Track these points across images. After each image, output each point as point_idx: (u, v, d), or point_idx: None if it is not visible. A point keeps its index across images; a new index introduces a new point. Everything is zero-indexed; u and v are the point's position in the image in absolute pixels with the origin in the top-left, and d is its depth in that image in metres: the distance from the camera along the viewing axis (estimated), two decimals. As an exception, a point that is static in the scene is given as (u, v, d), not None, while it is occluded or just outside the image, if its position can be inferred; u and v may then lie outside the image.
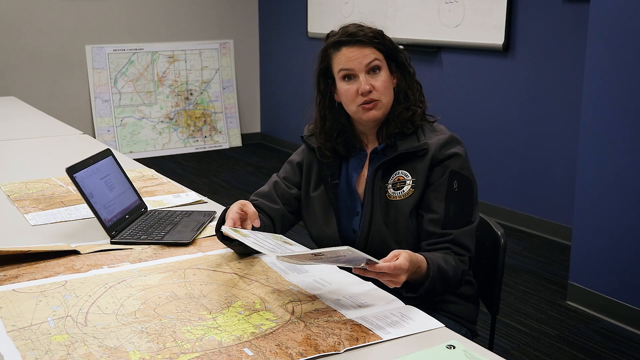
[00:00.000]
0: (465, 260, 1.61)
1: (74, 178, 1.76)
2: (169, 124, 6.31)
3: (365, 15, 5.18)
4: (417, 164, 1.66)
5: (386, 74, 1.69)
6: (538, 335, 2.89)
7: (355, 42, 1.67)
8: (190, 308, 1.37)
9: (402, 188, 1.67)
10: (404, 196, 1.66)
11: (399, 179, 1.68)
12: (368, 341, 1.24)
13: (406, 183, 1.67)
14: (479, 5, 4.21)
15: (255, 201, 1.78)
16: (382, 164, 1.68)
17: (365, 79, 1.66)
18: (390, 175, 1.69)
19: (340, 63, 1.69)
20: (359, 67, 1.66)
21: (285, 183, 1.83)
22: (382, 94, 1.67)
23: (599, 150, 2.98)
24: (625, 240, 2.91)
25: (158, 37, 6.21)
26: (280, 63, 6.44)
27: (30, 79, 5.73)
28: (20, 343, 1.22)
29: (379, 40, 1.68)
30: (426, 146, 1.66)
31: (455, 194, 1.63)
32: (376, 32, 1.70)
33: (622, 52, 2.83)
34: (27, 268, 1.59)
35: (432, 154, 1.65)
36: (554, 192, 4.02)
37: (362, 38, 1.67)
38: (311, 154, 1.81)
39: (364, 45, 1.67)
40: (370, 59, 1.66)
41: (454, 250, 1.60)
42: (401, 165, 1.68)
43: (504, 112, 4.23)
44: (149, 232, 1.80)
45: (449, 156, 1.64)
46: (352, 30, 1.69)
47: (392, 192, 1.68)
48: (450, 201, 1.63)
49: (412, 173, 1.66)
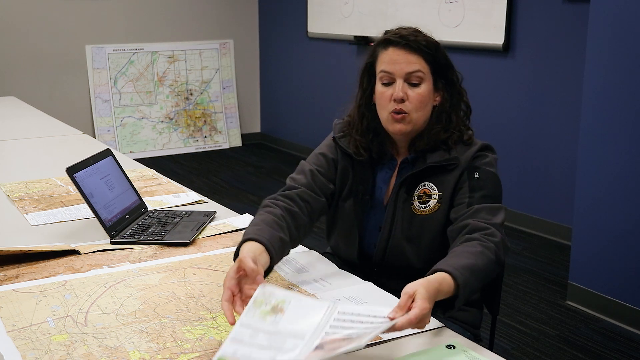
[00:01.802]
0: (491, 232, 1.46)
1: (74, 178, 1.76)
2: (169, 124, 6.31)
3: (365, 15, 5.18)
4: (445, 178, 1.59)
5: (427, 88, 1.59)
6: (538, 335, 2.89)
7: (404, 46, 1.58)
8: (190, 308, 1.37)
9: (428, 202, 1.60)
10: (430, 211, 1.60)
11: (425, 192, 1.61)
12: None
13: (432, 197, 1.60)
14: (479, 5, 4.21)
15: (297, 189, 1.64)
16: (407, 178, 1.62)
17: (402, 86, 1.58)
18: (416, 186, 1.62)
19: (383, 63, 1.60)
20: (399, 72, 1.58)
21: (321, 176, 1.69)
22: (415, 108, 1.59)
23: (599, 150, 2.98)
24: (625, 240, 2.91)
25: (158, 37, 6.21)
26: (280, 63, 6.44)
27: (30, 79, 5.73)
28: (20, 343, 1.22)
29: (430, 51, 1.59)
30: (457, 161, 1.59)
31: (477, 182, 1.56)
32: (431, 42, 1.60)
33: (622, 52, 2.83)
34: (27, 268, 1.58)
35: (462, 168, 1.58)
36: (554, 192, 4.02)
37: (413, 44, 1.58)
38: (345, 158, 1.71)
39: (412, 52, 1.58)
40: (413, 69, 1.58)
41: (473, 227, 1.47)
42: (428, 177, 1.61)
43: (503, 112, 4.23)
44: (149, 232, 1.80)
45: (474, 159, 1.59)
46: (405, 33, 1.60)
47: (417, 205, 1.61)
48: (474, 189, 1.55)
49: (439, 186, 1.60)
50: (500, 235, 1.47)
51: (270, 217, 1.54)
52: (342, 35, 5.44)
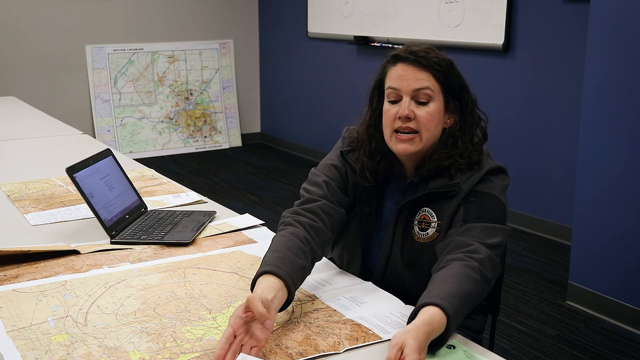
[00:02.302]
0: (474, 250, 1.37)
1: (74, 178, 1.76)
2: (169, 124, 6.31)
3: (365, 15, 5.18)
4: (444, 205, 1.51)
5: (437, 108, 1.51)
6: (538, 335, 2.88)
7: (413, 62, 1.50)
8: (190, 308, 1.37)
9: (427, 230, 1.53)
10: (428, 239, 1.53)
11: (424, 218, 1.54)
12: (368, 341, 1.24)
13: (431, 225, 1.53)
14: (479, 5, 4.21)
15: (318, 202, 1.56)
16: (407, 203, 1.55)
17: (408, 103, 1.49)
18: (417, 211, 1.55)
19: (391, 79, 1.53)
20: (406, 89, 1.49)
21: (336, 187, 1.61)
22: (423, 127, 1.50)
23: (599, 150, 2.98)
24: (625, 240, 2.91)
25: (158, 37, 6.21)
26: (280, 63, 6.44)
27: (30, 79, 5.73)
28: (20, 343, 1.22)
29: (441, 69, 1.50)
30: (457, 187, 1.50)
31: (472, 204, 1.48)
32: (442, 60, 1.52)
33: (622, 52, 2.83)
34: (27, 268, 1.59)
35: (462, 196, 1.49)
36: (554, 192, 4.02)
37: (422, 60, 1.49)
38: (354, 174, 1.63)
39: (421, 68, 1.49)
40: (421, 85, 1.49)
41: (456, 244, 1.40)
42: (429, 204, 1.53)
43: (504, 112, 4.23)
44: (149, 232, 1.80)
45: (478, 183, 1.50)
46: (415, 49, 1.52)
47: (417, 231, 1.54)
48: (468, 212, 1.47)
49: (438, 214, 1.52)
50: (487, 252, 1.38)
51: (294, 242, 1.43)
52: (342, 35, 5.44)
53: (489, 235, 1.42)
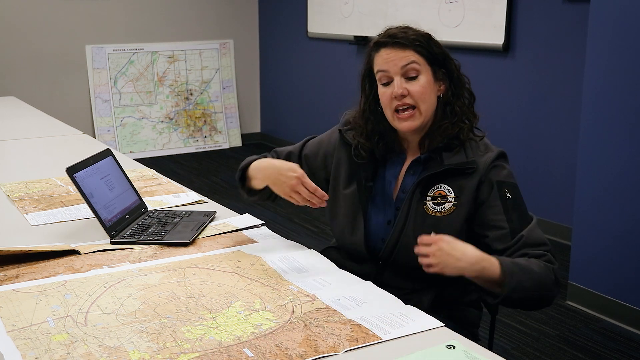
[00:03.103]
0: (549, 259, 1.50)
1: (74, 178, 1.76)
2: (169, 124, 6.31)
3: (365, 15, 5.18)
4: (462, 182, 1.58)
5: (427, 79, 1.60)
6: (538, 335, 2.89)
7: (394, 44, 1.59)
8: (190, 308, 1.37)
9: (443, 204, 1.59)
10: (444, 213, 1.58)
11: (440, 194, 1.60)
12: (368, 341, 1.24)
13: (447, 199, 1.59)
14: (479, 5, 4.21)
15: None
16: (424, 178, 1.61)
17: (400, 82, 1.58)
18: (431, 187, 1.61)
19: (378, 65, 1.62)
20: (394, 70, 1.59)
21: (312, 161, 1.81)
22: (419, 100, 1.59)
23: (599, 150, 2.98)
24: (625, 240, 2.91)
25: (158, 37, 6.21)
26: (280, 63, 6.44)
27: (30, 79, 5.74)
28: (20, 342, 1.22)
29: (421, 43, 1.59)
30: (475, 165, 1.58)
31: (510, 201, 1.56)
32: (420, 34, 1.61)
33: (622, 52, 2.83)
34: (27, 268, 1.59)
35: (480, 174, 1.57)
36: (554, 192, 4.02)
37: (402, 40, 1.58)
38: (343, 149, 1.74)
39: (402, 48, 1.58)
40: (407, 61, 1.58)
41: (531, 255, 1.50)
42: (444, 180, 1.60)
43: (503, 112, 4.23)
44: (149, 232, 1.80)
45: (494, 168, 1.58)
46: (393, 31, 1.61)
47: (431, 205, 1.60)
48: (509, 211, 1.56)
49: (455, 190, 1.58)
50: (553, 259, 1.51)
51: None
52: (342, 35, 5.44)
53: (537, 234, 1.54)
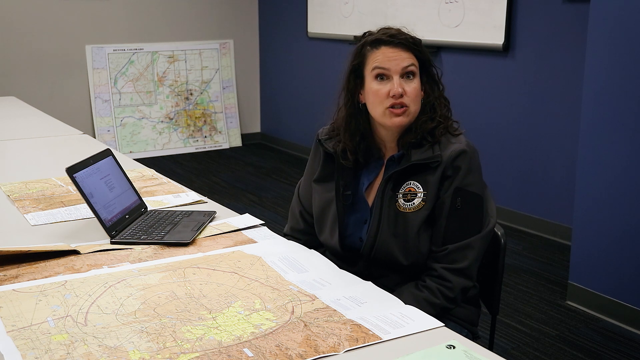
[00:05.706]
0: (450, 287, 1.62)
1: (74, 178, 1.76)
2: (169, 124, 6.32)
3: (365, 15, 5.18)
4: (428, 177, 1.64)
5: (418, 82, 1.67)
6: (538, 335, 2.89)
7: (397, 44, 1.65)
8: (190, 308, 1.37)
9: (413, 200, 1.65)
10: (414, 209, 1.65)
11: (410, 190, 1.66)
12: (368, 341, 1.24)
13: (417, 195, 1.65)
14: (479, 5, 4.21)
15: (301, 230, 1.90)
16: (393, 174, 1.67)
17: (399, 82, 1.64)
18: (402, 185, 1.67)
19: (377, 61, 1.66)
20: (395, 69, 1.64)
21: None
22: (412, 101, 1.66)
23: (599, 150, 2.98)
24: (625, 240, 2.92)
25: (158, 37, 6.21)
26: (280, 63, 6.44)
27: (30, 79, 5.74)
28: (20, 342, 1.22)
29: (418, 48, 1.67)
30: (439, 158, 1.63)
31: (457, 211, 1.62)
32: (416, 39, 1.69)
33: (622, 52, 2.83)
34: (27, 268, 1.59)
35: (442, 168, 1.63)
36: (554, 192, 4.02)
37: (404, 41, 1.65)
38: (328, 159, 1.80)
39: (404, 49, 1.65)
40: (408, 63, 1.65)
41: (439, 274, 1.62)
42: (413, 176, 1.66)
43: (503, 112, 4.23)
44: (149, 232, 1.80)
45: (456, 170, 1.63)
46: (393, 32, 1.67)
47: (402, 202, 1.66)
48: (451, 218, 1.62)
49: (423, 185, 1.65)
50: (459, 282, 1.61)
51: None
52: (342, 35, 5.44)
53: (466, 256, 1.62)
